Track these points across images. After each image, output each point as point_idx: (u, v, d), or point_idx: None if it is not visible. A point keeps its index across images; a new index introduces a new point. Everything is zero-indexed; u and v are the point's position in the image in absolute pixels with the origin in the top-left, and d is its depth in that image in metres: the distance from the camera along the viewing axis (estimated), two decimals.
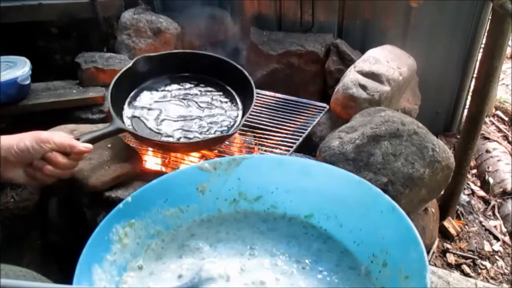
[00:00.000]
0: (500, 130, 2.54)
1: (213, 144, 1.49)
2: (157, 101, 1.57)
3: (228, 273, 0.33)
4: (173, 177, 0.35)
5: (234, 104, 1.62)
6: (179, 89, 1.63)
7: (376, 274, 0.33)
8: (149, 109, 1.54)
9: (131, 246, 0.33)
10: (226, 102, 1.62)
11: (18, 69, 1.77)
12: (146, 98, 1.58)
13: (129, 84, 1.57)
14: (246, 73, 1.64)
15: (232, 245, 0.35)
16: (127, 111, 1.51)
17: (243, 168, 0.38)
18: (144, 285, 0.32)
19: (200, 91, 1.64)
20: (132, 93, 1.57)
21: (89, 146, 0.74)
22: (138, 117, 1.50)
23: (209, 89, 1.66)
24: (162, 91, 1.61)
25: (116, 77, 1.47)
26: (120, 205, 0.32)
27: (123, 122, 1.42)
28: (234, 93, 1.67)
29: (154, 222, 0.35)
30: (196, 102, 1.59)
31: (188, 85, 1.66)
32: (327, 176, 0.38)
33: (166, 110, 1.54)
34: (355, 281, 0.33)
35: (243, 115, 1.55)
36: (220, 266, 0.33)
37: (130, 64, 1.52)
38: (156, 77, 1.63)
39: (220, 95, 1.65)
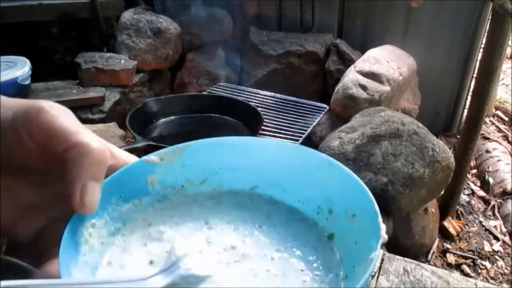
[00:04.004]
0: (500, 130, 2.54)
1: None
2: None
3: (198, 247, 0.35)
4: (123, 173, 0.36)
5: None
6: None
7: (324, 223, 0.37)
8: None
9: (97, 246, 0.34)
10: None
11: (18, 69, 1.77)
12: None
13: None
14: (250, 104, 1.66)
15: (189, 225, 0.37)
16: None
17: (187, 155, 0.40)
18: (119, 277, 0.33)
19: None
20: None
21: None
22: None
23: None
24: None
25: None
26: None
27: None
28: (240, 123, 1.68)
29: (112, 219, 0.36)
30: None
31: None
32: (266, 148, 0.41)
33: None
34: (306, 230, 0.37)
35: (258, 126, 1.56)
36: (187, 244, 0.35)
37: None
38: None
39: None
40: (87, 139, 0.31)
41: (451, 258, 1.72)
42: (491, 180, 2.09)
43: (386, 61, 1.92)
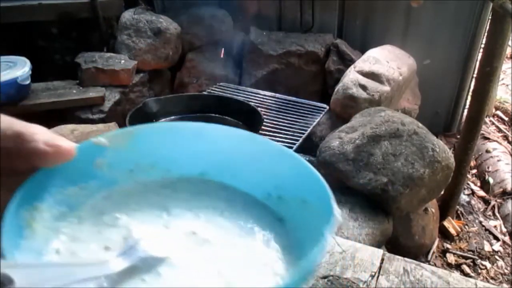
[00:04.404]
0: (500, 130, 2.54)
1: None
2: None
3: (157, 231, 0.35)
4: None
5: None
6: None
7: (274, 207, 0.38)
8: None
9: (41, 232, 0.33)
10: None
11: (18, 69, 1.77)
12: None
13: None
14: (250, 104, 1.66)
15: (147, 213, 0.37)
16: None
17: (137, 139, 0.39)
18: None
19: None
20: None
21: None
22: None
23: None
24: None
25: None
26: (20, 189, 0.32)
27: None
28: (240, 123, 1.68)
29: (57, 203, 0.35)
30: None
31: None
32: (218, 135, 0.41)
33: None
34: (263, 213, 0.38)
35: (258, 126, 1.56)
36: (145, 228, 0.35)
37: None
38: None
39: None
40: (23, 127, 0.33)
41: (451, 258, 1.72)
42: (491, 180, 2.09)
43: (386, 61, 1.92)
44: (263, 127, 1.65)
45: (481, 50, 1.99)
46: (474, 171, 2.25)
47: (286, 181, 0.38)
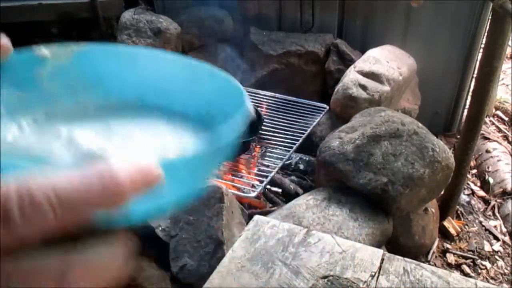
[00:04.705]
0: (500, 130, 2.54)
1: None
2: None
3: (99, 137, 0.37)
4: (9, 60, 0.36)
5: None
6: None
7: (205, 121, 0.42)
8: None
9: None
10: None
11: None
12: None
13: None
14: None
15: (90, 128, 0.38)
16: None
17: (79, 57, 0.40)
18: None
19: None
20: None
21: None
22: None
23: None
24: None
25: None
26: None
27: None
28: None
29: None
30: None
31: None
32: (155, 60, 0.44)
33: None
34: (194, 125, 0.42)
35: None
36: (89, 138, 0.36)
37: None
38: None
39: None
40: None
41: (451, 258, 1.72)
42: (491, 180, 2.09)
43: (386, 61, 1.92)
44: (263, 127, 1.65)
45: (481, 50, 1.99)
46: (474, 171, 2.25)
47: (214, 98, 0.41)
